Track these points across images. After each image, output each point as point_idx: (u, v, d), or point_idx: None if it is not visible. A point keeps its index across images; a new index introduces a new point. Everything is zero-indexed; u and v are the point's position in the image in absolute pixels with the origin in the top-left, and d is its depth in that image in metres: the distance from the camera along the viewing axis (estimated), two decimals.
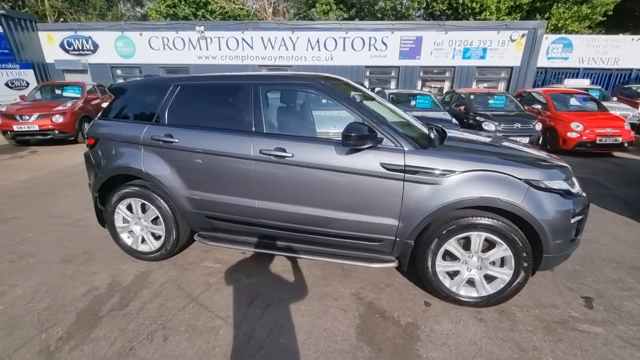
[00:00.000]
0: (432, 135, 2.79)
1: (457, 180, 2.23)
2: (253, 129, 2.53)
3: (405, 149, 2.30)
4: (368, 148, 2.29)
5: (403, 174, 2.28)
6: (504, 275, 2.34)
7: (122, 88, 2.93)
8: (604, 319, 2.37)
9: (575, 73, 14.72)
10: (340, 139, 2.30)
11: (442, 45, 11.46)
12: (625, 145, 7.71)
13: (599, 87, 12.21)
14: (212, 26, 11.70)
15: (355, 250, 2.60)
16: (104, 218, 3.01)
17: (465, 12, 14.68)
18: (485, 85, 12.09)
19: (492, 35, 11.28)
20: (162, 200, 2.78)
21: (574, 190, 2.31)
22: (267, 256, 3.11)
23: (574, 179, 2.41)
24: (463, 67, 11.60)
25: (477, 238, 2.30)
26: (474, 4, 14.29)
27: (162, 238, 2.91)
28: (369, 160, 2.32)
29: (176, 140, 2.62)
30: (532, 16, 14.62)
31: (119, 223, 2.98)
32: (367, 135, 2.21)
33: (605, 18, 15.94)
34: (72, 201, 4.56)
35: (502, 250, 2.28)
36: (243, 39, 11.79)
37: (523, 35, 11.12)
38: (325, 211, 2.48)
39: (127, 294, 2.57)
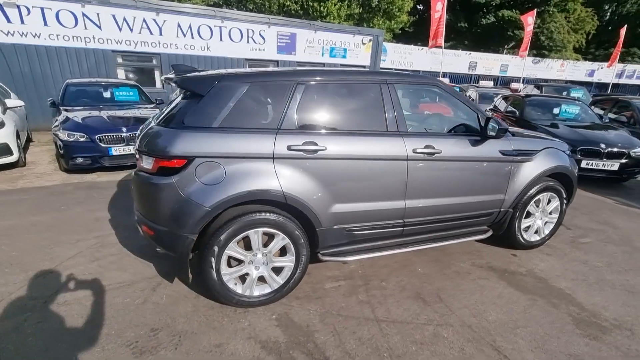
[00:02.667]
0: None
1: (541, 156, 3.01)
2: (397, 128, 2.46)
3: (509, 136, 2.88)
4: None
5: (512, 157, 2.86)
6: (554, 218, 3.34)
7: (211, 84, 2.06)
8: (581, 234, 3.80)
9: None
10: (467, 132, 2.68)
11: (313, 44, 12.42)
12: None
13: None
14: None
15: (468, 228, 3.01)
16: (202, 268, 2.12)
17: (315, 14, 16.29)
18: None
19: (350, 38, 13.14)
20: (293, 223, 2.26)
21: None
22: (373, 258, 3.03)
23: None
24: (331, 64, 12.99)
25: (545, 197, 3.18)
26: (322, 8, 16.07)
27: (290, 270, 2.36)
28: (492, 148, 2.76)
29: (323, 148, 2.19)
30: (361, 24, 17.79)
31: (224, 269, 2.18)
32: (506, 128, 2.65)
33: (401, 32, 21.33)
34: None
35: (556, 202, 3.26)
36: (84, 14, 8.79)
37: (370, 40, 13.53)
38: (461, 198, 2.76)
39: (304, 348, 2.03)
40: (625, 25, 19.97)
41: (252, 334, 2.12)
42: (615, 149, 5.48)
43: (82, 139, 5.07)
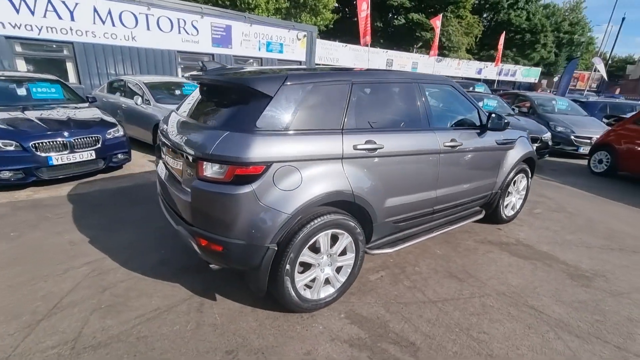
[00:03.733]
0: None
1: (517, 144, 3.59)
2: (429, 124, 2.68)
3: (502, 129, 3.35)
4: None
5: (502, 145, 3.36)
6: (523, 195, 4.02)
7: (278, 85, 1.93)
8: (532, 207, 4.63)
9: None
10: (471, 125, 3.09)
11: (249, 37, 11.94)
12: None
13: None
14: None
15: (470, 210, 3.43)
16: (277, 278, 2.02)
17: (242, 6, 15.61)
18: None
19: (285, 33, 13.02)
20: (355, 222, 2.30)
21: None
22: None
23: None
24: (268, 59, 12.69)
25: (519, 178, 3.81)
26: (250, 0, 15.48)
27: (349, 267, 2.39)
28: (491, 139, 3.20)
29: (381, 146, 2.27)
30: (289, 19, 17.72)
31: (297, 276, 2.12)
32: (508, 121, 3.09)
33: (326, 29, 21.96)
34: None
35: (525, 181, 3.93)
36: None
37: (305, 36, 13.63)
38: (471, 184, 3.14)
39: (388, 338, 2.12)
40: (504, 31, 24.14)
41: (333, 336, 2.12)
42: (533, 135, 6.73)
43: (9, 148, 4.09)
